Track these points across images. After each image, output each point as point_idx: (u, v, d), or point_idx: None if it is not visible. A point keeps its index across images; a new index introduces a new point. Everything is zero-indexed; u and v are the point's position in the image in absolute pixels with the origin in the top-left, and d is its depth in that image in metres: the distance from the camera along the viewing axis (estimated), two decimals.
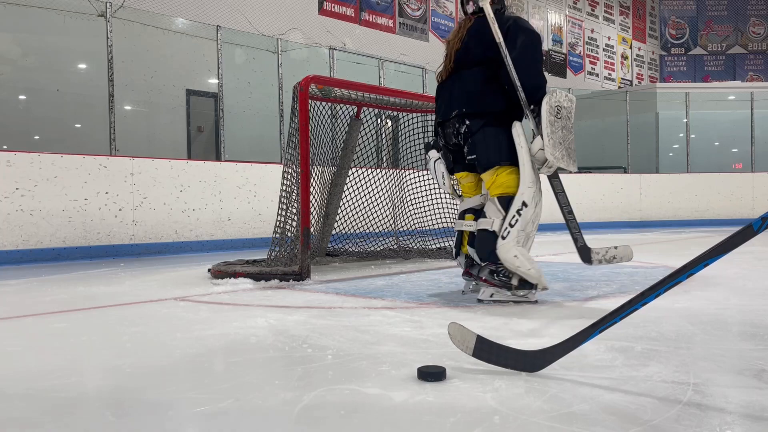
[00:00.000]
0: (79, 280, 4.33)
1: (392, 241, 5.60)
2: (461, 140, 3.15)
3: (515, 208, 2.95)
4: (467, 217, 3.26)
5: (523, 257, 2.91)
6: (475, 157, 3.10)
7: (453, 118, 3.16)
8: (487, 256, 3.00)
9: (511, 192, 3.00)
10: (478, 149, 3.08)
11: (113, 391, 1.71)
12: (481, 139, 3.07)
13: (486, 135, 3.06)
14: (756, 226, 1.51)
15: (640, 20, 19.61)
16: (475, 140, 3.08)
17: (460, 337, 1.86)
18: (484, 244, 3.01)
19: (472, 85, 3.13)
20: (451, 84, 3.25)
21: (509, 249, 2.91)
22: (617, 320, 1.67)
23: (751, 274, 4.13)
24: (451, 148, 3.27)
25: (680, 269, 1.58)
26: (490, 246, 2.98)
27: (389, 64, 10.34)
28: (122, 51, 7.07)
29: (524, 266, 2.90)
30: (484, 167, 3.09)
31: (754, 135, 12.23)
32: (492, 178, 3.07)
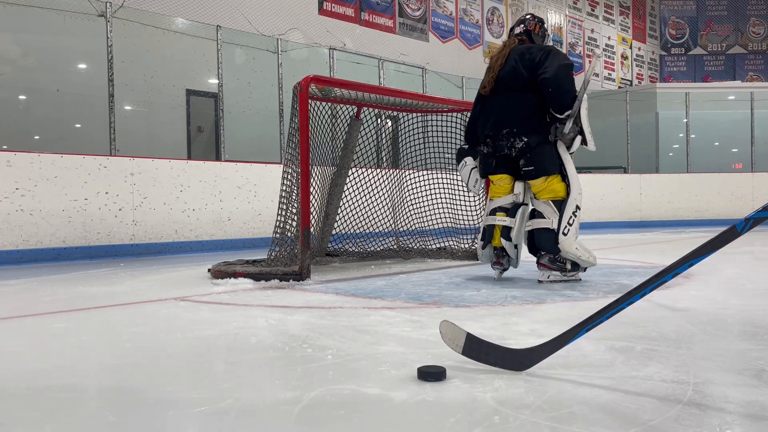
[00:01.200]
0: (79, 280, 4.33)
1: (392, 241, 5.60)
2: (515, 153, 3.79)
3: (571, 210, 3.69)
4: (499, 214, 3.87)
5: (581, 248, 3.68)
6: (532, 168, 3.75)
7: (505, 135, 3.80)
8: (550, 248, 3.69)
9: (560, 197, 3.72)
10: (536, 161, 3.74)
11: (113, 391, 1.71)
12: (539, 153, 3.74)
13: (543, 150, 3.75)
14: (740, 227, 1.51)
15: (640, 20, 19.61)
16: (533, 154, 3.74)
17: (450, 335, 1.87)
18: (546, 238, 3.70)
19: (527, 110, 3.78)
20: (501, 103, 3.86)
21: (571, 243, 3.65)
22: (603, 319, 1.67)
23: (751, 274, 4.13)
24: (497, 156, 3.87)
25: (666, 269, 1.60)
26: (551, 240, 3.68)
27: (389, 64, 10.34)
28: (122, 51, 7.06)
29: (584, 255, 3.68)
30: (537, 176, 3.75)
31: (754, 135, 12.23)
32: (543, 185, 3.75)
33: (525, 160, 3.77)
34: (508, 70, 3.82)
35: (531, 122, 3.76)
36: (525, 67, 3.77)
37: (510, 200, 3.87)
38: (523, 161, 3.77)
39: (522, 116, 3.77)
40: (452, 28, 13.06)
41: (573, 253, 3.64)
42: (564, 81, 3.69)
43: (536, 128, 3.75)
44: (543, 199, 3.73)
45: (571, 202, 3.69)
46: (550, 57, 3.73)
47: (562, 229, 3.65)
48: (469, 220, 5.49)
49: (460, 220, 5.54)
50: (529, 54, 3.79)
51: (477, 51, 13.68)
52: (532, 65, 3.74)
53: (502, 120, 3.81)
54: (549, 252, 3.70)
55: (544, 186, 3.74)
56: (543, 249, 3.72)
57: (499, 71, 3.86)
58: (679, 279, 3.68)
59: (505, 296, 3.21)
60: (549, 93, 3.69)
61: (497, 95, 3.87)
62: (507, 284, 3.69)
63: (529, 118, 3.76)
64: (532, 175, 3.76)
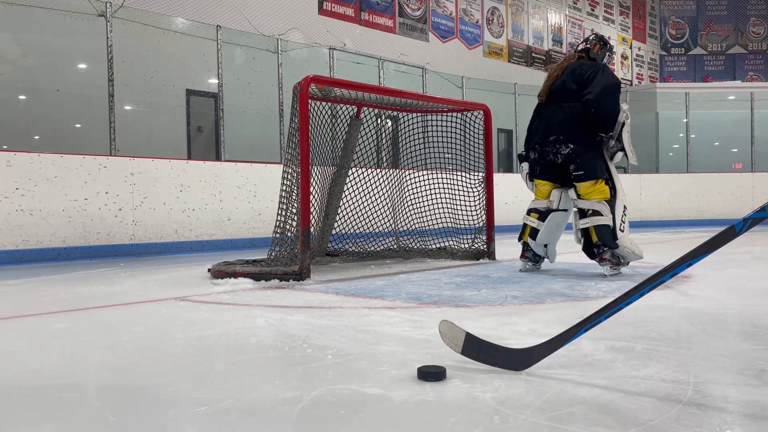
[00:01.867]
0: (79, 280, 4.33)
1: (392, 241, 5.60)
2: (560, 159, 4.12)
3: (621, 209, 4.10)
4: (532, 215, 4.36)
5: (634, 243, 4.14)
6: (582, 173, 4.07)
7: (552, 141, 4.13)
8: (610, 243, 4.05)
9: (607, 198, 4.08)
10: (586, 166, 4.06)
11: (113, 391, 1.71)
12: (589, 159, 4.07)
13: (592, 156, 4.08)
14: (738, 227, 1.51)
15: (640, 20, 19.61)
16: (582, 160, 4.06)
17: (450, 334, 1.87)
18: (606, 234, 4.06)
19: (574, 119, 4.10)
20: (551, 112, 4.21)
21: (627, 238, 4.09)
22: (602, 319, 1.67)
23: (751, 274, 4.13)
24: (541, 162, 4.23)
25: (664, 269, 1.60)
26: (610, 236, 4.05)
27: (389, 64, 10.34)
28: (122, 51, 7.07)
29: (637, 249, 4.13)
30: (587, 179, 4.08)
31: (754, 135, 12.23)
32: (592, 188, 4.08)
33: (575, 165, 4.10)
34: (560, 83, 4.20)
35: (577, 131, 4.09)
36: (575, 82, 4.13)
37: (544, 205, 4.31)
38: (573, 166, 4.11)
39: (569, 125, 4.11)
40: (452, 28, 13.06)
41: (629, 248, 4.08)
42: (607, 103, 4.03)
43: (582, 136, 4.08)
44: (596, 199, 4.07)
45: (619, 202, 4.10)
46: (597, 76, 4.07)
47: (618, 226, 4.04)
48: (469, 220, 5.49)
49: (460, 220, 5.54)
50: (580, 70, 4.16)
51: (477, 51, 13.68)
52: (581, 81, 4.11)
53: (550, 128, 4.17)
54: (609, 247, 4.06)
55: (593, 188, 4.08)
56: (604, 244, 4.05)
57: (553, 82, 4.24)
58: (679, 279, 3.68)
59: (505, 296, 3.21)
60: (592, 114, 4.04)
61: (549, 104, 4.23)
62: (507, 284, 3.69)
63: (576, 127, 4.09)
64: (581, 179, 4.09)
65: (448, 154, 5.53)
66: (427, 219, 5.62)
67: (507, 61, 14.50)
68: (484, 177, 5.38)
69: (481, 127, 5.41)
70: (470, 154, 5.46)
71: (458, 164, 5.52)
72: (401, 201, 5.64)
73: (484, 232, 5.31)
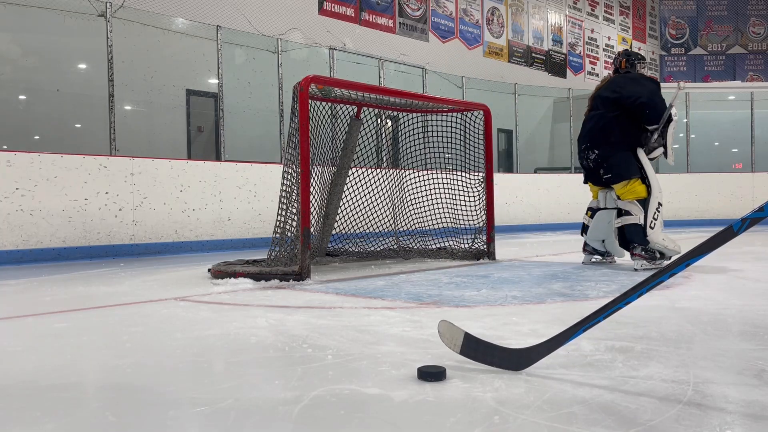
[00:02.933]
0: (79, 280, 4.33)
1: (392, 241, 5.59)
2: (592, 164, 4.55)
3: (654, 207, 4.33)
4: (587, 213, 4.83)
5: (667, 239, 4.33)
6: (611, 175, 4.44)
7: (583, 149, 4.60)
8: (640, 240, 4.32)
9: (642, 197, 4.36)
10: (612, 169, 4.43)
11: (113, 391, 1.71)
12: (615, 161, 4.41)
13: (618, 158, 4.42)
14: (736, 227, 1.52)
15: (640, 20, 19.60)
16: (609, 163, 4.43)
17: (449, 334, 1.87)
18: (635, 232, 4.35)
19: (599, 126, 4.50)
20: (585, 122, 4.68)
21: (658, 234, 4.31)
22: (601, 319, 1.67)
23: (751, 274, 4.13)
24: (583, 167, 4.71)
25: (663, 269, 1.61)
26: (640, 233, 4.33)
27: (389, 64, 10.34)
28: (122, 51, 7.06)
29: (669, 245, 4.30)
30: (616, 181, 4.43)
31: (754, 135, 12.22)
32: (626, 188, 4.39)
33: (603, 169, 4.49)
34: (598, 95, 4.64)
35: (601, 136, 4.48)
36: (612, 91, 4.53)
37: (595, 204, 4.78)
38: (602, 170, 4.50)
39: (595, 132, 4.53)
40: (452, 28, 13.06)
41: (660, 244, 4.29)
42: (659, 102, 4.42)
43: (607, 141, 4.45)
44: (628, 199, 4.38)
45: (653, 200, 4.35)
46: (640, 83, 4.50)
47: (649, 223, 4.31)
48: (469, 220, 5.48)
49: (460, 220, 5.53)
50: (617, 81, 4.59)
51: (477, 51, 13.68)
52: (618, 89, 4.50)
53: (582, 137, 4.68)
54: (640, 244, 4.32)
55: (627, 188, 4.40)
56: (634, 241, 4.36)
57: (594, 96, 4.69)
58: (679, 279, 3.68)
59: (505, 296, 3.21)
60: (647, 114, 4.40)
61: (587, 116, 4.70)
62: (507, 284, 3.69)
63: (601, 134, 4.49)
64: (612, 181, 4.46)
65: (448, 154, 5.53)
66: (427, 219, 5.62)
67: (507, 61, 14.50)
68: (484, 177, 5.38)
69: (481, 127, 5.41)
70: (470, 154, 5.46)
71: (458, 164, 5.52)
72: (401, 201, 5.64)
73: (484, 232, 5.30)
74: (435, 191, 5.62)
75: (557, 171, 12.70)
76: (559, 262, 5.03)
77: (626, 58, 4.77)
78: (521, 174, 11.44)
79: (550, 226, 10.10)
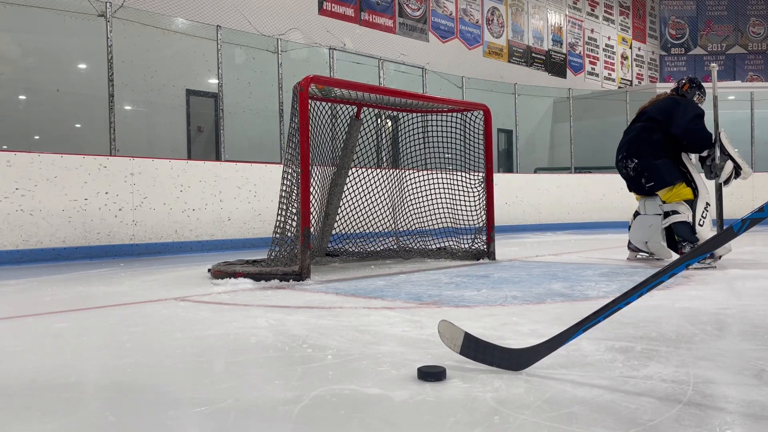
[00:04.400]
0: (79, 280, 4.33)
1: (392, 241, 5.59)
2: (632, 173, 4.71)
3: (702, 206, 4.50)
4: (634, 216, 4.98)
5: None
6: (653, 183, 4.58)
7: (620, 159, 4.76)
8: (687, 236, 4.45)
9: (689, 198, 4.52)
10: (654, 177, 4.57)
11: (113, 391, 1.71)
12: (655, 169, 4.56)
13: (657, 166, 4.56)
14: (736, 227, 1.52)
15: (640, 20, 19.60)
16: (650, 172, 4.58)
17: (449, 334, 1.87)
18: (683, 229, 4.48)
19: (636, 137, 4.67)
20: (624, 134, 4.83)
21: (707, 232, 4.42)
22: (601, 319, 1.67)
23: (751, 274, 4.13)
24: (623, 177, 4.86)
25: (663, 269, 1.60)
26: (687, 230, 4.45)
27: (389, 64, 10.34)
28: (122, 51, 7.06)
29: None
30: (659, 188, 4.58)
31: (754, 135, 12.22)
32: (671, 193, 4.55)
33: (645, 178, 4.63)
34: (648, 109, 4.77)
35: (640, 147, 4.63)
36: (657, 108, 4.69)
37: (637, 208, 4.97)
38: (644, 179, 4.64)
39: (633, 143, 4.68)
40: (452, 28, 13.06)
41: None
42: (694, 129, 4.51)
43: (645, 150, 4.60)
44: (675, 201, 4.52)
45: (701, 200, 4.52)
46: (680, 109, 4.58)
47: (698, 221, 4.43)
48: (469, 220, 5.48)
49: (460, 220, 5.53)
50: (664, 102, 4.74)
51: (477, 51, 13.68)
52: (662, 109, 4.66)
53: (621, 146, 4.83)
54: (688, 241, 4.43)
55: (672, 192, 4.55)
56: (682, 238, 4.47)
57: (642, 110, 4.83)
58: (679, 279, 3.68)
59: (505, 296, 3.21)
60: (685, 146, 4.58)
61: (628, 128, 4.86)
62: (507, 284, 3.69)
63: (639, 144, 4.64)
64: (655, 188, 4.60)
65: (448, 154, 5.53)
66: (427, 219, 5.62)
67: (507, 61, 14.50)
68: (484, 177, 5.38)
69: (481, 127, 5.41)
70: (470, 154, 5.46)
71: (458, 164, 5.52)
72: (401, 201, 5.64)
73: (484, 232, 5.30)
74: (435, 191, 5.62)
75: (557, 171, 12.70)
76: (559, 262, 5.03)
77: (690, 84, 4.93)
78: (521, 174, 11.44)
79: (550, 226, 10.10)
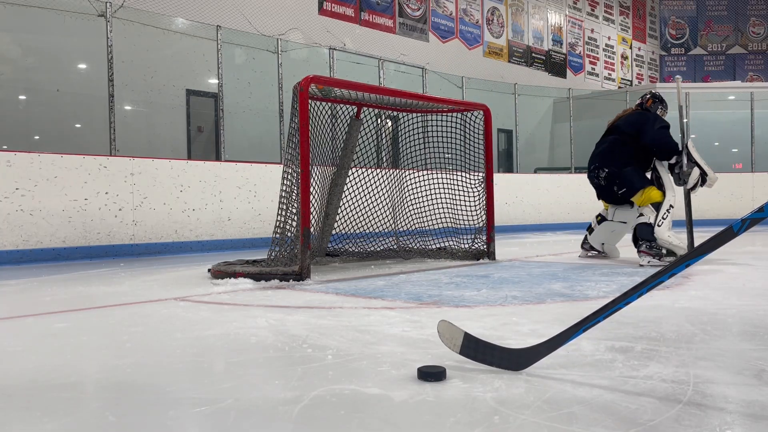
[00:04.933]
0: (79, 280, 4.33)
1: (392, 241, 5.59)
2: (603, 182, 4.97)
3: (665, 208, 4.68)
4: (597, 217, 5.33)
5: (673, 236, 4.61)
6: (625, 190, 4.83)
7: (592, 169, 5.04)
8: (646, 236, 4.62)
9: (658, 200, 4.71)
10: (625, 184, 4.82)
11: (113, 391, 1.71)
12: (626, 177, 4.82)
13: (628, 174, 4.82)
14: (736, 227, 1.51)
15: (640, 20, 19.60)
16: (621, 180, 4.84)
17: (448, 334, 1.87)
18: (644, 231, 4.65)
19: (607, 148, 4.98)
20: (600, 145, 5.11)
21: (664, 231, 4.59)
22: (600, 319, 1.67)
23: (751, 274, 4.13)
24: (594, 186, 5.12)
25: (663, 269, 1.61)
26: (647, 231, 4.63)
27: (389, 64, 10.34)
28: (122, 51, 7.06)
29: (675, 241, 4.58)
30: (631, 194, 4.82)
31: (754, 135, 12.22)
32: (642, 197, 4.78)
33: (617, 186, 4.87)
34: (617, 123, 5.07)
35: (611, 157, 4.91)
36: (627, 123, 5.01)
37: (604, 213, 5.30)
38: (616, 187, 4.89)
39: (605, 154, 4.97)
40: (452, 28, 13.06)
41: (666, 240, 4.55)
42: (661, 139, 4.83)
43: (617, 160, 4.87)
44: (646, 205, 4.73)
45: (666, 202, 4.71)
46: (648, 122, 4.90)
47: (657, 221, 4.62)
48: (469, 220, 5.48)
49: (460, 220, 5.53)
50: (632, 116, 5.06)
51: (477, 51, 13.68)
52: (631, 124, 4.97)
53: (593, 157, 5.11)
54: (646, 240, 4.61)
55: (643, 196, 4.77)
56: (641, 238, 4.64)
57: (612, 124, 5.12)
58: (679, 279, 3.68)
59: (505, 296, 3.21)
60: (655, 152, 4.87)
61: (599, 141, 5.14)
62: (507, 284, 3.69)
63: (611, 153, 4.93)
64: (628, 195, 4.83)
65: (448, 154, 5.53)
66: (427, 219, 5.62)
67: (507, 61, 14.50)
68: (484, 177, 5.38)
69: (481, 127, 5.41)
70: (470, 154, 5.46)
71: (458, 164, 5.52)
72: (401, 201, 5.64)
73: (484, 232, 5.30)
74: (435, 191, 5.62)
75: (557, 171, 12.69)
76: (559, 262, 5.03)
77: (653, 99, 5.23)
78: (521, 174, 11.44)
79: (550, 226, 10.10)
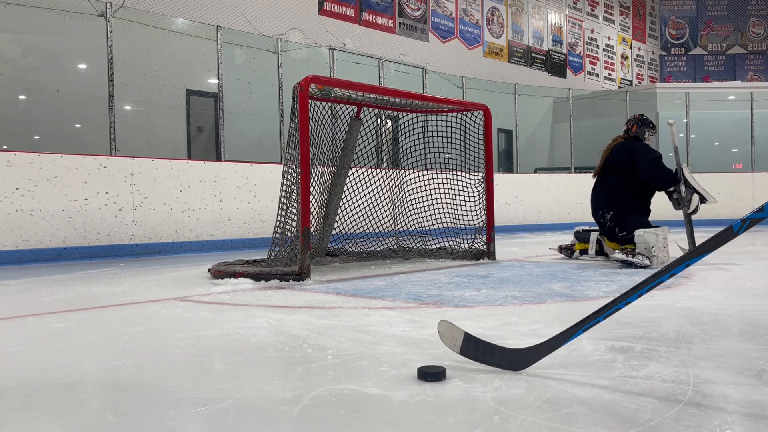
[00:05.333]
0: (79, 280, 4.33)
1: (392, 241, 5.59)
2: (608, 223, 4.95)
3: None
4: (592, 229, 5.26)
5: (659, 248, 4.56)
6: (626, 233, 4.78)
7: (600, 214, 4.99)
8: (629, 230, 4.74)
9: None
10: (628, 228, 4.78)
11: (113, 391, 1.71)
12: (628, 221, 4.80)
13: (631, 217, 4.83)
14: (736, 227, 1.52)
15: (640, 20, 19.61)
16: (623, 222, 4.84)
17: (448, 334, 1.87)
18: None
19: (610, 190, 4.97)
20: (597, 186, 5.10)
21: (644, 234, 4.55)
22: (600, 319, 1.67)
23: (751, 274, 4.13)
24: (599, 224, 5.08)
25: (663, 269, 1.60)
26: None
27: (389, 64, 10.34)
28: (122, 51, 7.06)
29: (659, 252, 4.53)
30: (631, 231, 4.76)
31: (754, 135, 12.22)
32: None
33: (619, 228, 4.88)
34: (607, 161, 5.06)
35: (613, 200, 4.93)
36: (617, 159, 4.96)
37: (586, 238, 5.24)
38: (617, 229, 4.89)
39: (607, 196, 4.97)
40: (452, 28, 13.06)
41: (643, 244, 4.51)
42: (656, 172, 4.85)
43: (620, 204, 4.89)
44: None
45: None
46: (640, 155, 4.86)
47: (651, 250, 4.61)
48: (469, 220, 5.49)
49: (460, 220, 5.54)
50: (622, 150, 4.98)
51: (477, 51, 13.68)
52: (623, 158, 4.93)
53: (595, 198, 5.09)
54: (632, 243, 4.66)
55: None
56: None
57: (604, 160, 5.09)
58: (679, 279, 3.68)
59: (505, 296, 3.21)
60: (652, 186, 4.93)
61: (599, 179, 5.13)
62: (507, 284, 3.69)
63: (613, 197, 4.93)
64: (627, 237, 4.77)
65: (448, 154, 5.53)
66: (427, 219, 5.62)
67: (507, 61, 14.50)
68: (484, 177, 5.38)
69: (481, 127, 5.41)
70: (470, 154, 5.46)
71: (458, 164, 5.53)
72: (401, 201, 5.64)
73: (484, 232, 5.31)
74: (435, 191, 5.62)
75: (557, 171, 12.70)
76: (559, 262, 5.03)
77: (637, 124, 5.12)
78: (521, 174, 11.44)
79: (550, 226, 10.10)
